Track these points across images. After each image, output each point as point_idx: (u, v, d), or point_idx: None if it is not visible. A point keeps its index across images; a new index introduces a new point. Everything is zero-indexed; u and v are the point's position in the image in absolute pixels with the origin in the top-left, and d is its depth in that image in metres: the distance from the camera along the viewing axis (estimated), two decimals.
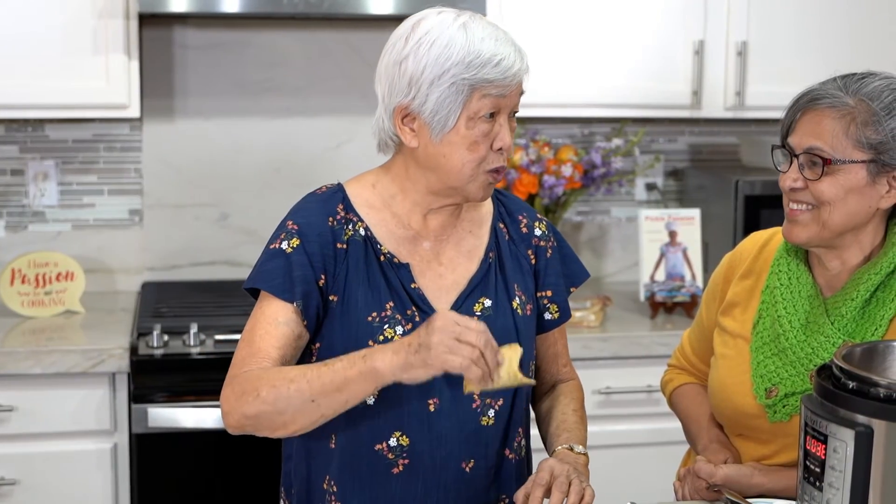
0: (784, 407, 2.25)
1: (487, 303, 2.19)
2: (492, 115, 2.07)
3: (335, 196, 2.18)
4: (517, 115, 2.17)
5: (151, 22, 3.83)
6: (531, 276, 2.27)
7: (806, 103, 2.20)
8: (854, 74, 2.21)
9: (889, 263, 2.21)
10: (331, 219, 2.15)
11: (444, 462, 2.12)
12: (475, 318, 2.14)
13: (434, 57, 2.05)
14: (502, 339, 2.09)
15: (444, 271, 2.19)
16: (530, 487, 2.03)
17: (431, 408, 2.11)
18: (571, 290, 2.34)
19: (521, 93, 2.12)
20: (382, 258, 2.14)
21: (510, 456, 2.21)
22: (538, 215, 2.33)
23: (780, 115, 2.30)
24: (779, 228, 2.37)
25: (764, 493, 2.22)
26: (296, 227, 2.13)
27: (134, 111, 3.56)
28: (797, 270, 2.31)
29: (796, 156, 2.19)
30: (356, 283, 2.12)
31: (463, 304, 2.17)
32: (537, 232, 2.29)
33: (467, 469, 2.15)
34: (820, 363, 2.21)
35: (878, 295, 2.22)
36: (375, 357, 1.95)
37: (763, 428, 2.29)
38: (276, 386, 1.99)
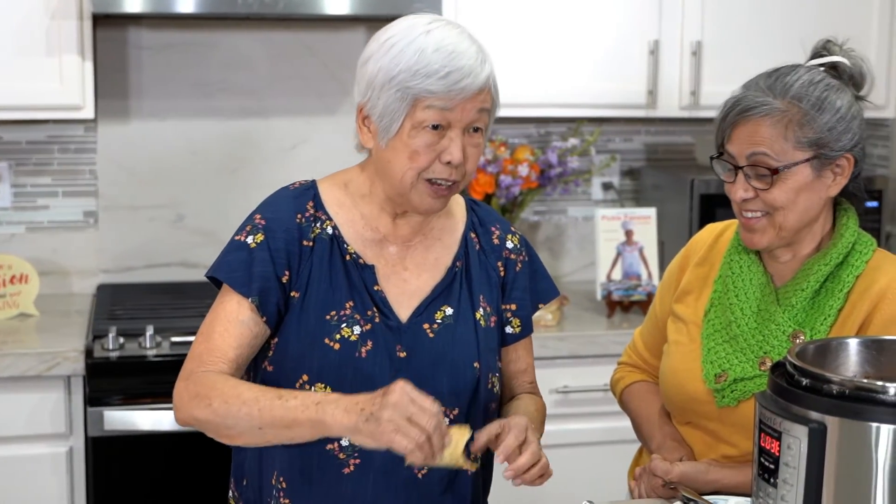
0: (732, 392, 2.28)
1: (449, 311, 2.18)
2: (438, 127, 2.05)
3: (306, 193, 2.18)
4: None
5: (105, 22, 3.81)
6: (498, 288, 2.26)
7: (737, 115, 2.21)
8: (777, 72, 2.24)
9: (838, 255, 2.25)
10: (299, 215, 2.14)
11: (397, 466, 2.09)
12: (436, 325, 2.15)
13: (387, 61, 2.04)
14: (462, 349, 2.10)
15: (409, 276, 2.19)
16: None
17: None
18: (539, 306, 2.33)
19: (483, 109, 2.08)
20: (348, 257, 2.14)
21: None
22: (513, 229, 2.32)
23: None
24: (733, 220, 2.40)
25: (719, 489, 2.24)
26: (263, 221, 2.13)
27: (88, 112, 3.54)
28: (748, 260, 2.34)
29: (740, 168, 2.21)
30: (318, 281, 2.12)
31: (424, 312, 2.16)
32: (509, 244, 2.28)
33: (419, 475, 2.13)
34: (770, 351, 2.25)
35: (828, 286, 2.25)
36: (327, 410, 1.92)
37: (710, 415, 2.31)
38: (227, 402, 1.98)
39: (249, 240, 2.11)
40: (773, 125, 2.18)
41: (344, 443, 2.09)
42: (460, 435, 1.95)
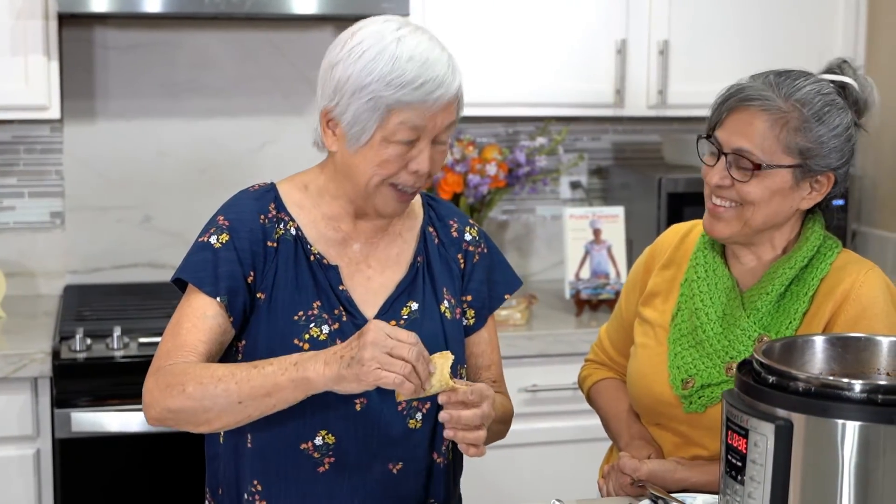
0: (700, 398, 2.28)
1: (415, 306, 2.18)
2: (409, 141, 2.05)
3: (267, 195, 2.17)
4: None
5: (71, 22, 3.79)
6: (460, 279, 2.26)
7: (738, 101, 2.20)
8: (788, 73, 2.23)
9: (803, 258, 2.25)
10: (262, 216, 2.14)
11: (371, 462, 2.11)
12: (402, 321, 2.14)
13: (359, 69, 2.03)
14: (430, 343, 2.09)
15: (373, 274, 2.19)
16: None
17: (358, 407, 2.10)
18: (506, 297, 2.32)
19: (452, 121, 2.09)
20: (312, 258, 2.14)
21: (438, 460, 2.20)
22: (471, 222, 2.32)
23: (702, 113, 2.33)
24: (698, 221, 2.40)
25: (687, 487, 2.24)
26: (226, 222, 2.12)
27: (54, 112, 3.52)
28: (714, 264, 2.34)
29: (725, 154, 2.21)
30: (284, 281, 2.11)
31: (390, 308, 2.17)
32: (467, 237, 2.29)
33: (394, 471, 2.14)
34: (736, 356, 2.25)
35: (793, 289, 2.26)
36: (307, 366, 1.92)
37: (679, 418, 2.32)
38: (202, 383, 1.97)
39: (214, 240, 2.11)
40: (768, 121, 2.18)
41: (318, 441, 2.09)
42: (444, 359, 1.97)
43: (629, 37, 3.85)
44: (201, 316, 2.07)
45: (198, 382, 1.97)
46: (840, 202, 3.90)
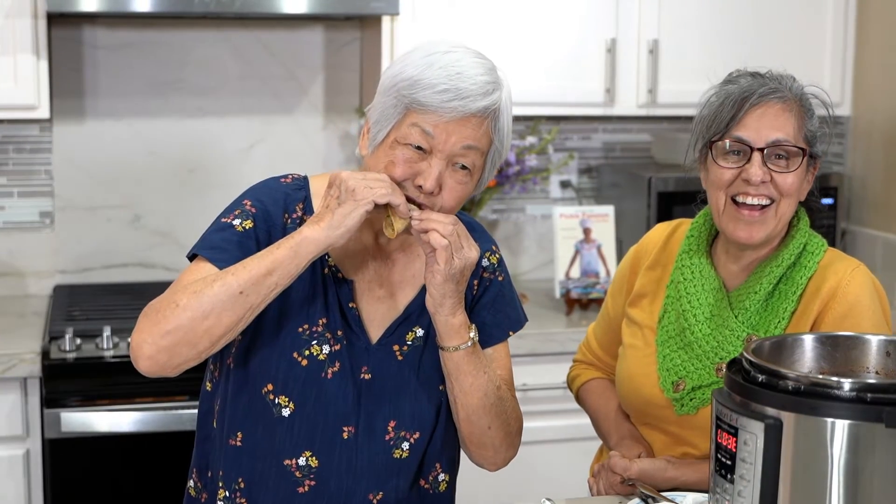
0: (691, 400, 2.28)
1: (420, 332, 2.14)
2: (421, 149, 1.99)
3: (298, 193, 2.12)
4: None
5: (60, 22, 3.79)
6: (470, 305, 2.17)
7: (758, 98, 2.22)
8: (770, 73, 2.29)
9: (789, 255, 2.26)
10: (286, 215, 2.09)
11: (351, 491, 2.08)
12: (406, 346, 2.12)
13: (398, 68, 2.03)
14: (427, 372, 2.09)
15: (384, 295, 2.14)
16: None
17: (345, 435, 2.07)
18: (510, 334, 2.22)
19: (473, 147, 2.00)
20: (326, 270, 2.10)
21: (425, 486, 2.16)
22: (493, 248, 2.22)
23: (691, 112, 2.34)
24: (683, 220, 2.41)
25: (678, 486, 2.25)
26: (253, 209, 2.07)
27: (43, 112, 3.51)
28: (700, 265, 2.34)
29: (760, 149, 2.21)
30: (296, 289, 2.05)
31: (395, 332, 2.13)
32: (485, 262, 2.19)
33: (374, 501, 2.10)
34: (725, 356, 2.25)
35: (781, 288, 2.26)
36: (302, 232, 1.95)
37: (670, 419, 2.32)
38: (196, 291, 1.94)
39: (237, 223, 2.06)
40: (791, 111, 2.23)
41: (301, 462, 2.06)
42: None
43: (619, 36, 3.85)
44: (206, 278, 1.98)
45: (192, 292, 1.94)
46: (829, 201, 3.95)
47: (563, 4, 3.82)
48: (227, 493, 2.12)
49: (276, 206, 2.09)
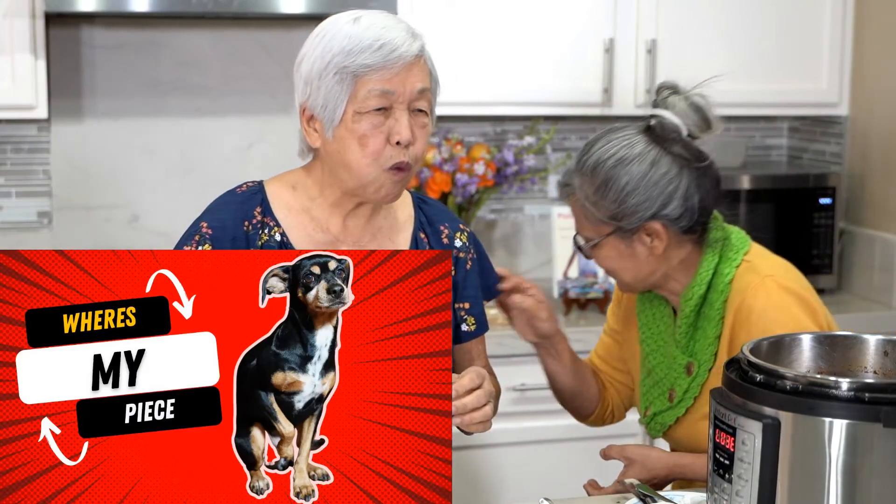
0: (655, 426, 2.39)
1: None
2: (382, 109, 2.04)
3: (254, 198, 2.15)
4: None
5: (58, 21, 3.78)
6: (457, 290, 2.21)
7: (562, 188, 2.32)
8: (594, 140, 2.29)
9: (701, 281, 2.27)
10: (246, 223, 2.12)
11: None
12: None
13: (320, 51, 2.05)
14: None
15: None
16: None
17: None
18: (485, 304, 2.31)
19: (424, 89, 2.07)
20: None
21: None
22: (461, 225, 2.28)
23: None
24: None
25: (687, 474, 2.27)
26: (209, 231, 2.10)
27: (41, 112, 3.51)
28: (652, 294, 2.41)
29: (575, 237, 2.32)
30: None
31: None
32: (457, 243, 2.25)
33: None
34: (672, 384, 2.33)
35: (704, 312, 2.28)
36: None
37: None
38: None
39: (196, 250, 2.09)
40: (577, 206, 2.28)
41: None
42: None
43: (617, 36, 3.85)
44: None
45: None
46: (827, 201, 3.95)
47: (561, 4, 3.82)
48: None
49: (233, 220, 2.12)
